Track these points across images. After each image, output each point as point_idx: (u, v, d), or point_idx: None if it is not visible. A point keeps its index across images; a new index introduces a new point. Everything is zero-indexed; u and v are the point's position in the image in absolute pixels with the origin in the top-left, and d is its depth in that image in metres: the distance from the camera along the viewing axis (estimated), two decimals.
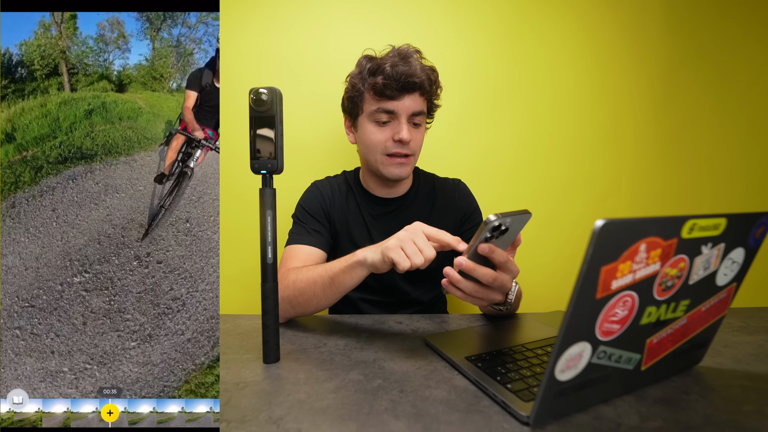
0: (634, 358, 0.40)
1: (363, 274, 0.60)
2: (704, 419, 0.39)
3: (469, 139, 1.14)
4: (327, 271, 0.63)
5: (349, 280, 0.61)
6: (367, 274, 0.60)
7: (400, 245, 0.53)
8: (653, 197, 1.19)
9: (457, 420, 0.39)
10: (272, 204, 0.51)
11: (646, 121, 1.17)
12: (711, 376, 0.48)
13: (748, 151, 1.19)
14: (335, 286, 0.62)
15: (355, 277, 0.60)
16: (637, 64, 1.15)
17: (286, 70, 1.09)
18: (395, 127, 0.77)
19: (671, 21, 1.15)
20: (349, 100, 0.81)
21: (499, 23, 1.12)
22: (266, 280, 0.52)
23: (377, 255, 0.56)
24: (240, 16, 1.07)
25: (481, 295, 0.51)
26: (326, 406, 0.41)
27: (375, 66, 0.76)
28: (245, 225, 1.10)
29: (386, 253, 0.54)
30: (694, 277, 0.39)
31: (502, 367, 0.48)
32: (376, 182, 0.86)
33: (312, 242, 0.80)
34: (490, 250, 0.48)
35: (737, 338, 0.61)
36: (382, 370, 0.50)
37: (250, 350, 0.57)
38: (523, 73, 1.14)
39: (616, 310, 0.34)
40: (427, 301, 0.89)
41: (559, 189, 1.17)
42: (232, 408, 0.41)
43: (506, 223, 0.46)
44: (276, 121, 0.49)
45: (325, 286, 0.63)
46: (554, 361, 0.33)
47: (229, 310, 1.09)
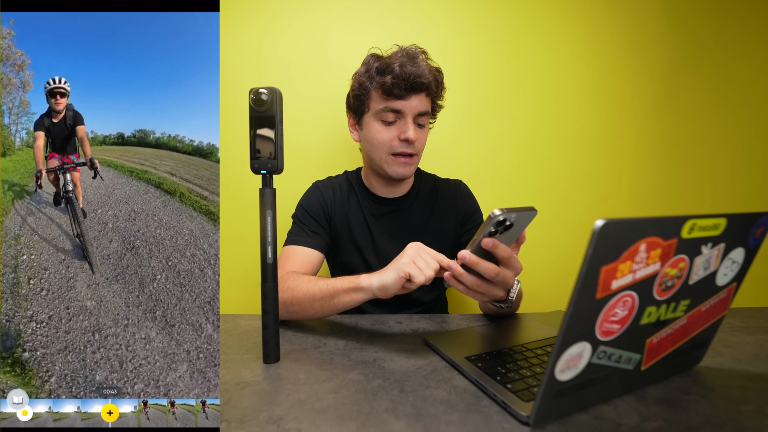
0: (634, 358, 0.40)
1: (364, 298, 0.60)
2: (704, 419, 0.39)
3: (470, 139, 1.14)
4: (328, 288, 0.62)
5: (349, 301, 0.61)
6: (369, 299, 0.59)
7: (413, 260, 0.54)
8: (654, 197, 1.19)
9: (457, 420, 0.39)
10: (272, 204, 0.51)
11: (646, 120, 1.17)
12: (711, 376, 0.48)
13: (749, 150, 1.19)
14: (333, 303, 0.62)
15: (355, 299, 0.60)
16: (638, 64, 1.15)
17: (286, 70, 1.09)
18: (401, 126, 0.77)
19: (672, 20, 1.15)
20: (355, 98, 0.81)
21: (499, 23, 1.12)
22: (266, 280, 0.52)
23: (390, 274, 0.55)
24: (240, 16, 1.07)
25: (482, 289, 0.51)
26: (326, 406, 0.41)
27: (383, 65, 0.76)
28: (245, 225, 1.10)
29: (402, 268, 0.54)
30: (694, 277, 0.39)
31: (502, 367, 0.48)
32: (378, 181, 0.86)
33: (310, 244, 0.80)
34: (494, 245, 0.48)
35: (737, 338, 0.61)
36: (382, 370, 0.50)
37: (250, 350, 0.57)
38: (523, 73, 1.14)
39: (616, 310, 0.34)
40: (428, 302, 0.89)
41: (559, 189, 1.17)
42: (232, 408, 0.41)
43: (511, 218, 0.46)
44: (276, 121, 0.49)
45: (324, 302, 0.63)
46: (554, 361, 0.33)
47: (229, 310, 1.09)
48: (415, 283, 0.53)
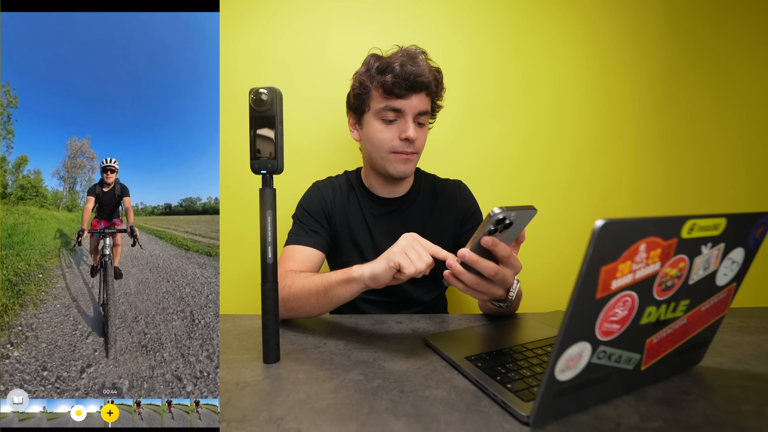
0: (634, 358, 0.40)
1: (358, 289, 0.60)
2: (704, 419, 0.39)
3: (470, 139, 1.14)
4: (323, 282, 0.63)
5: (343, 294, 0.61)
6: (363, 289, 0.59)
7: (404, 251, 0.54)
8: (654, 197, 1.19)
9: (457, 420, 0.39)
10: (272, 204, 0.51)
11: (646, 120, 1.17)
12: (711, 376, 0.48)
13: (749, 150, 1.19)
14: (329, 297, 0.62)
15: (349, 291, 0.60)
16: (638, 64, 1.15)
17: (285, 70, 1.09)
18: (401, 125, 0.77)
19: (672, 20, 1.15)
20: (355, 97, 0.81)
21: (499, 23, 1.12)
22: (266, 280, 0.52)
23: (380, 264, 0.56)
24: (240, 16, 1.07)
25: (482, 288, 0.51)
26: (326, 406, 0.41)
27: (384, 65, 0.76)
28: (245, 225, 1.10)
29: (392, 258, 0.54)
30: (694, 277, 0.39)
31: (502, 367, 0.48)
32: (378, 181, 0.86)
33: (310, 243, 0.80)
34: (493, 244, 0.48)
35: (737, 338, 0.61)
36: (382, 370, 0.50)
37: (250, 350, 0.57)
38: (523, 73, 1.14)
39: (616, 310, 0.34)
40: (428, 302, 0.89)
41: (559, 189, 1.17)
42: (232, 408, 0.41)
43: (511, 217, 0.46)
44: (276, 121, 0.49)
45: (319, 296, 0.63)
46: (554, 361, 0.33)
47: (229, 310, 1.09)
48: (405, 275, 0.53)
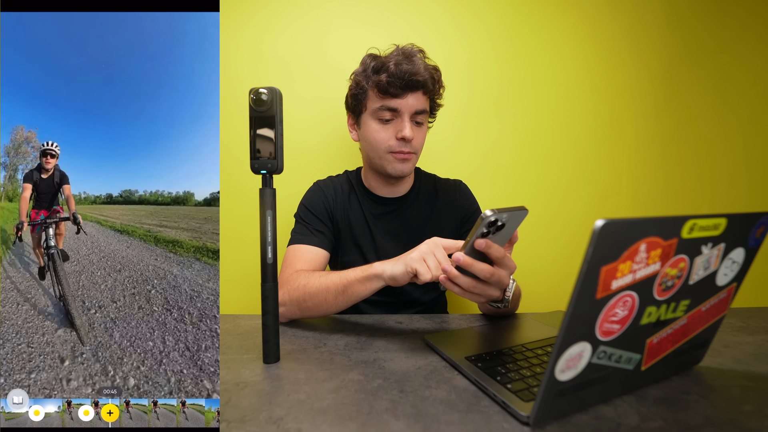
0: (634, 358, 0.40)
1: (378, 286, 0.61)
2: (704, 419, 0.39)
3: (470, 139, 1.14)
4: (341, 279, 0.63)
5: (363, 291, 0.62)
6: (383, 286, 0.61)
7: (423, 257, 0.55)
8: (654, 197, 1.19)
9: (457, 420, 0.39)
10: (272, 204, 0.51)
11: (646, 120, 1.17)
12: (711, 376, 0.48)
13: (749, 150, 1.19)
14: (348, 294, 0.63)
15: (369, 288, 0.61)
16: (638, 63, 1.15)
17: (285, 70, 1.09)
18: (398, 125, 0.77)
19: (672, 20, 1.15)
20: (352, 97, 0.81)
21: (499, 23, 1.12)
22: (266, 280, 0.52)
23: (399, 267, 0.57)
24: (240, 16, 1.07)
25: (478, 290, 0.51)
26: (326, 406, 0.41)
27: (379, 64, 0.76)
28: (245, 225, 1.10)
29: (410, 264, 0.55)
30: (694, 277, 0.39)
31: (502, 367, 0.48)
32: (378, 181, 0.86)
33: (315, 242, 0.80)
34: (487, 246, 0.48)
35: (737, 338, 0.61)
36: (382, 370, 0.50)
37: (250, 350, 0.57)
38: (523, 73, 1.14)
39: (616, 310, 0.34)
40: (428, 302, 0.89)
41: (559, 189, 1.17)
42: (232, 408, 0.41)
43: (503, 218, 0.46)
44: (276, 121, 0.49)
45: (337, 294, 0.63)
46: (554, 361, 0.33)
47: (229, 310, 1.09)
48: (421, 280, 0.54)
